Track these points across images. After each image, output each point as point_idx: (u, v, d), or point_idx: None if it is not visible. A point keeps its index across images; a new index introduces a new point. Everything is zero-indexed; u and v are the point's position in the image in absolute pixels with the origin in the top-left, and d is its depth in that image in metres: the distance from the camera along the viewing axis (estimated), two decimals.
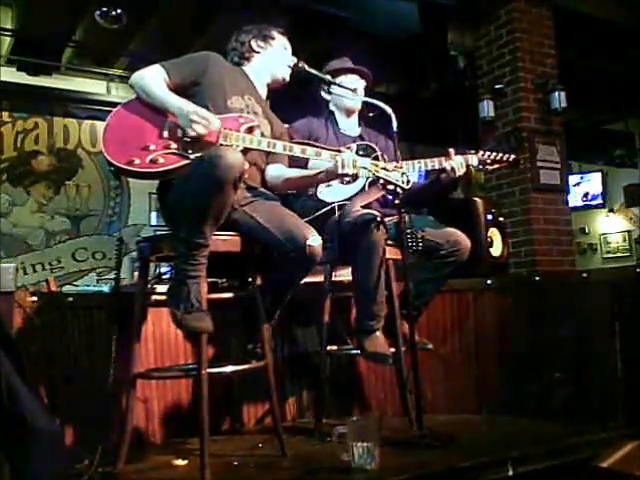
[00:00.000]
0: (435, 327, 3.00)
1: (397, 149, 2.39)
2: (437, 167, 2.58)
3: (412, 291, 2.32)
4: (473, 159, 2.64)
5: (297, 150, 2.21)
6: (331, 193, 2.58)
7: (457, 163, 2.56)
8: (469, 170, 2.61)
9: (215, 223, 1.91)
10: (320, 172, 2.23)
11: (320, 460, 2.07)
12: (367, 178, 2.54)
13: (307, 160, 2.41)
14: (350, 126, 2.85)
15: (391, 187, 2.23)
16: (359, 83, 2.79)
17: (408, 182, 2.22)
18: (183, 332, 2.14)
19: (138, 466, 2.08)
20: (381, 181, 2.20)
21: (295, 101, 2.74)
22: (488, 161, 2.67)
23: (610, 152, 9.08)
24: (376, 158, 2.58)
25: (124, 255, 2.27)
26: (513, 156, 2.72)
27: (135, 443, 2.12)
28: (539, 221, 4.92)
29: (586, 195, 9.57)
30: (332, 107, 2.87)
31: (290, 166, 2.38)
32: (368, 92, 2.82)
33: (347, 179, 2.18)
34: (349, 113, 2.84)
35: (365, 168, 2.18)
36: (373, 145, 2.74)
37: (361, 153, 2.60)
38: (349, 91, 2.62)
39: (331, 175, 2.21)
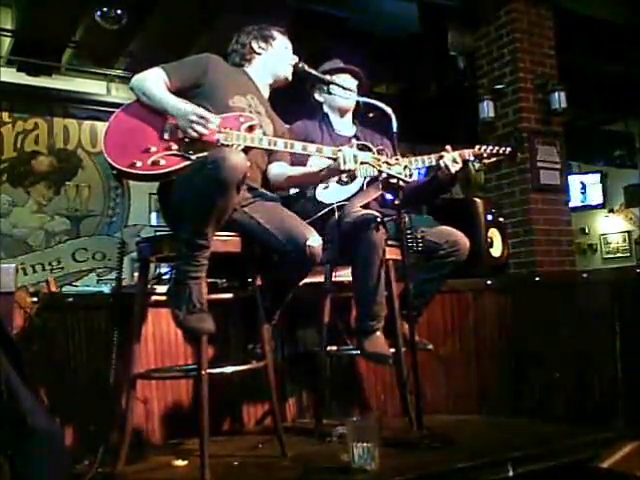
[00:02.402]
0: (435, 327, 3.00)
1: (397, 149, 2.39)
2: (434, 164, 2.57)
3: (412, 291, 2.32)
4: (469, 154, 2.63)
5: (298, 147, 2.21)
6: (330, 194, 2.58)
7: (451, 159, 2.54)
8: (466, 166, 2.60)
9: (217, 224, 1.91)
10: (323, 169, 2.23)
11: (320, 460, 2.07)
12: (365, 178, 2.54)
13: (306, 159, 2.41)
14: (345, 126, 2.83)
15: (393, 181, 2.22)
16: (351, 82, 2.77)
17: (410, 175, 2.21)
18: (185, 333, 2.14)
19: (138, 467, 2.08)
20: (382, 177, 2.19)
21: (289, 103, 2.73)
22: (484, 155, 2.63)
23: (610, 152, 9.07)
24: (377, 153, 2.58)
25: (124, 256, 2.27)
26: (509, 149, 2.69)
27: (135, 444, 2.12)
28: (539, 221, 4.91)
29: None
30: (326, 109, 2.84)
31: (292, 165, 2.38)
32: (367, 91, 2.81)
33: (345, 179, 2.18)
34: (343, 113, 2.81)
35: (367, 163, 2.17)
36: (370, 145, 2.73)
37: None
38: (348, 91, 2.62)
39: (333, 171, 2.21)
